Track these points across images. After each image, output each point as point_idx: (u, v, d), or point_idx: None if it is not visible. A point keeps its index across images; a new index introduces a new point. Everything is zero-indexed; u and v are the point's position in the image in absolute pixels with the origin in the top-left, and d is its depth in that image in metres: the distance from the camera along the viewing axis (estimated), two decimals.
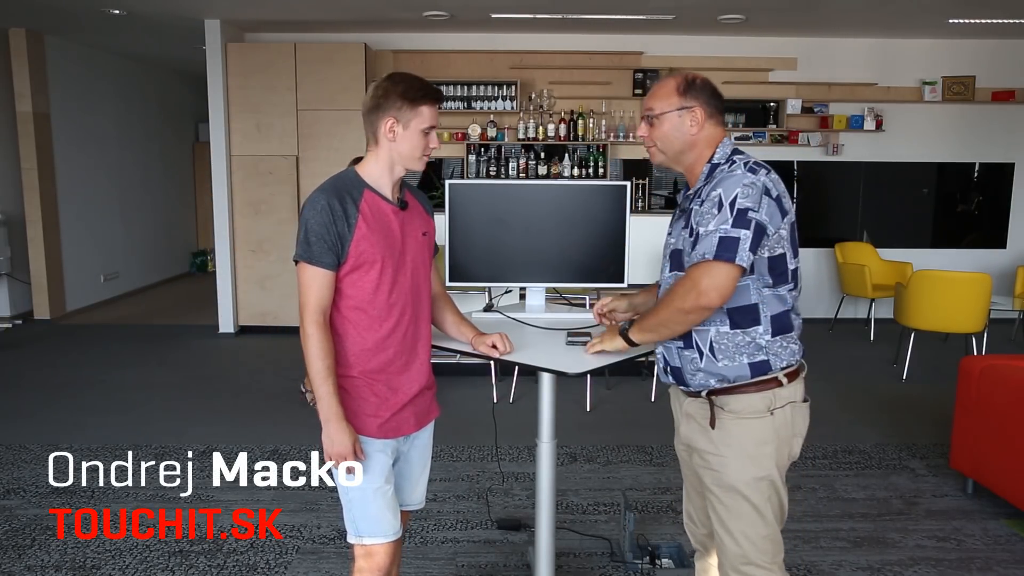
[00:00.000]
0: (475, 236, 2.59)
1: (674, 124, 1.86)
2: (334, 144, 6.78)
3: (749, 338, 1.82)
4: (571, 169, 7.24)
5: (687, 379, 1.90)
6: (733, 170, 1.80)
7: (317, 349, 1.84)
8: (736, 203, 1.73)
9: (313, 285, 1.86)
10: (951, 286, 5.27)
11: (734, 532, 1.87)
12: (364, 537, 1.96)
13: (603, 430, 4.48)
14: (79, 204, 8.02)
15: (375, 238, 1.89)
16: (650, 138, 1.90)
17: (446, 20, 6.66)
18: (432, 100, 1.91)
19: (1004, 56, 7.42)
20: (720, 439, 1.87)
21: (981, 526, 3.30)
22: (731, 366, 1.83)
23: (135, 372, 5.77)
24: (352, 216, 1.87)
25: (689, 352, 1.87)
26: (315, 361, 1.85)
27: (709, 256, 1.72)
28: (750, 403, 1.84)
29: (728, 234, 1.72)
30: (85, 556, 3.00)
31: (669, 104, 1.86)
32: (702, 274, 1.73)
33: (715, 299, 1.73)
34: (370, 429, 1.94)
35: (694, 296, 1.74)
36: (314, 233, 1.84)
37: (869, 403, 4.99)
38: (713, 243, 1.72)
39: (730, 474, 1.86)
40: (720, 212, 1.74)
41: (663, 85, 1.89)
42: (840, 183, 7.61)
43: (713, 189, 1.78)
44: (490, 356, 2.10)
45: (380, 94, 1.90)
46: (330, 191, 1.88)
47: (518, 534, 3.20)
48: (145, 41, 7.87)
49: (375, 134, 1.93)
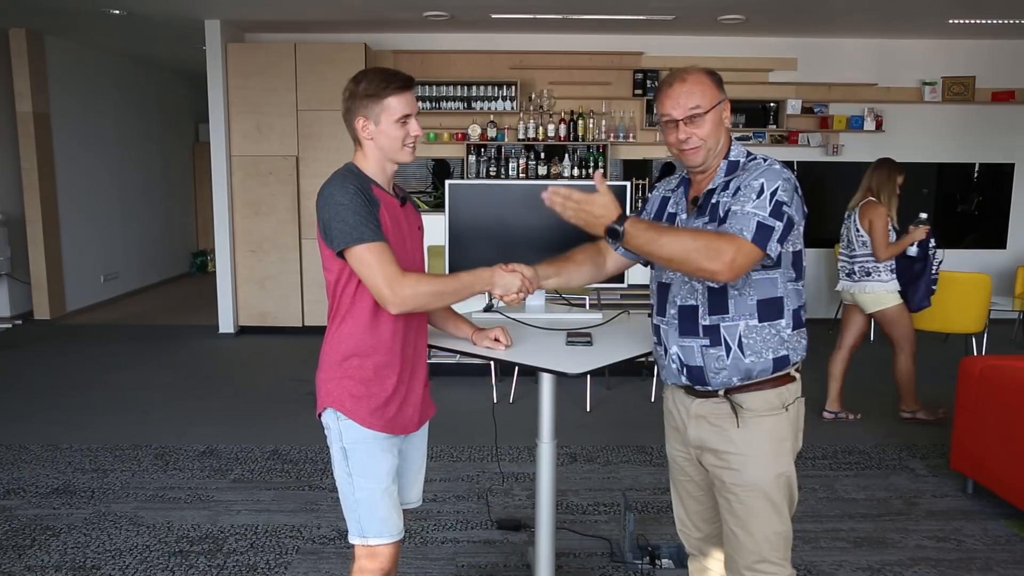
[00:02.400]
0: (475, 236, 2.59)
1: (716, 119, 1.83)
2: (334, 144, 6.78)
3: (774, 331, 1.82)
4: (571, 169, 7.24)
5: (708, 378, 1.85)
6: (771, 164, 1.80)
7: (428, 286, 1.84)
8: (776, 195, 1.73)
9: (381, 261, 1.78)
10: (951, 286, 5.27)
11: (753, 531, 1.86)
12: (370, 538, 1.94)
13: (603, 430, 4.48)
14: (79, 204, 8.02)
15: (391, 228, 1.89)
16: (698, 136, 1.81)
17: (446, 20, 6.66)
18: (396, 89, 1.87)
19: (1004, 56, 7.42)
20: (741, 438, 1.85)
21: (981, 526, 3.30)
22: (757, 361, 1.81)
23: (135, 372, 5.78)
24: (375, 204, 1.86)
25: (715, 350, 1.82)
26: (443, 293, 1.88)
27: (748, 235, 1.69)
28: (767, 399, 1.84)
29: (765, 221, 1.71)
30: (85, 556, 3.00)
31: (713, 98, 1.82)
32: (734, 247, 1.67)
33: (730, 276, 1.69)
34: (379, 426, 1.93)
35: (714, 258, 1.66)
36: (358, 214, 1.79)
37: (869, 403, 4.99)
38: (752, 225, 1.70)
39: (752, 473, 1.84)
40: (759, 198, 1.72)
41: (697, 80, 1.82)
42: (840, 183, 7.60)
43: (754, 179, 1.76)
44: (492, 355, 2.10)
45: (347, 96, 1.91)
46: (351, 178, 1.86)
47: (518, 534, 3.20)
48: (145, 41, 7.87)
49: (355, 137, 1.93)
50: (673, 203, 1.98)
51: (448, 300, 1.94)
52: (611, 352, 2.08)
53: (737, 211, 1.73)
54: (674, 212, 1.96)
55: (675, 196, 1.98)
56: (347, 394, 1.91)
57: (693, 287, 1.84)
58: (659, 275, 1.95)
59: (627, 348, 2.13)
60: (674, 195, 1.99)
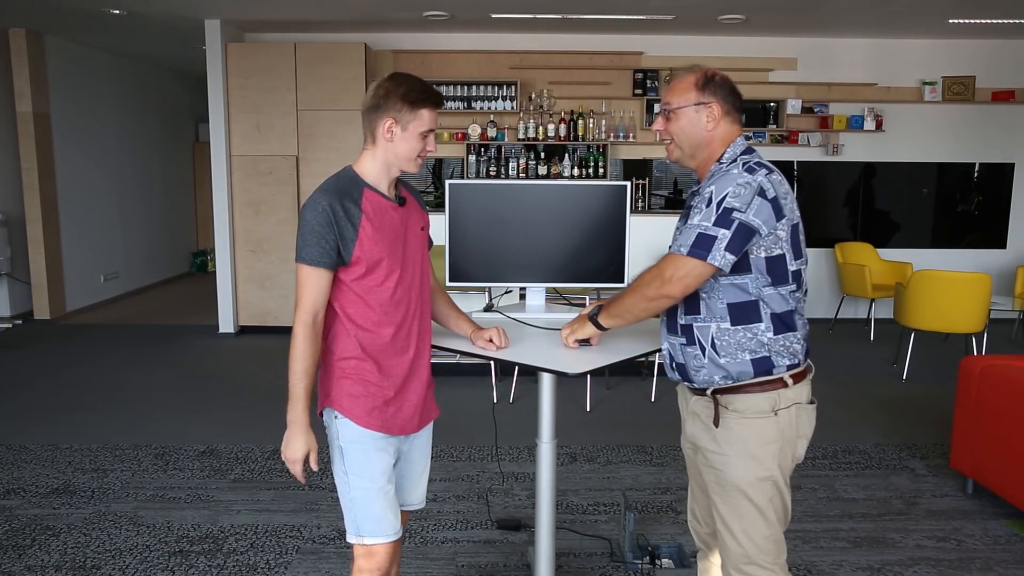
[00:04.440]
0: (475, 236, 2.58)
1: (691, 119, 1.86)
2: (334, 144, 6.78)
3: (751, 335, 1.82)
4: (571, 169, 7.24)
5: (692, 375, 1.90)
6: (730, 169, 1.81)
7: (301, 349, 1.85)
8: (724, 202, 1.75)
9: (308, 285, 1.85)
10: (951, 286, 5.27)
11: (736, 532, 1.87)
12: (365, 537, 1.95)
13: (603, 430, 4.48)
14: (79, 204, 8.02)
15: (379, 237, 1.88)
16: (667, 132, 1.90)
17: (446, 20, 6.66)
18: (433, 104, 1.90)
19: (1004, 56, 7.43)
20: (723, 438, 1.87)
21: (981, 526, 3.30)
22: (733, 363, 1.83)
23: (135, 372, 5.77)
24: (355, 217, 1.86)
25: (692, 348, 1.88)
26: (295, 361, 1.85)
27: (684, 250, 1.77)
28: (754, 403, 1.84)
29: (707, 232, 1.74)
30: (85, 556, 3.00)
31: (686, 99, 1.86)
32: (670, 264, 1.79)
33: (677, 290, 1.78)
34: (376, 426, 1.94)
35: (658, 284, 1.79)
36: (314, 233, 1.83)
37: (869, 403, 4.99)
38: (691, 238, 1.76)
39: (732, 473, 1.85)
40: (707, 209, 1.77)
41: (682, 80, 1.89)
42: (840, 183, 7.62)
43: (707, 187, 1.81)
44: (488, 354, 2.10)
45: (381, 94, 1.89)
46: (332, 192, 1.87)
47: (518, 534, 3.20)
48: (145, 41, 7.87)
49: (373, 133, 1.92)
50: None
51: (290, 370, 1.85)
52: (611, 352, 2.08)
53: (684, 227, 1.82)
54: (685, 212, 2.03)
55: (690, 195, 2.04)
56: (344, 393, 1.92)
57: None
58: None
59: (627, 348, 2.12)
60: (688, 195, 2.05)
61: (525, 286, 2.65)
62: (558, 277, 2.63)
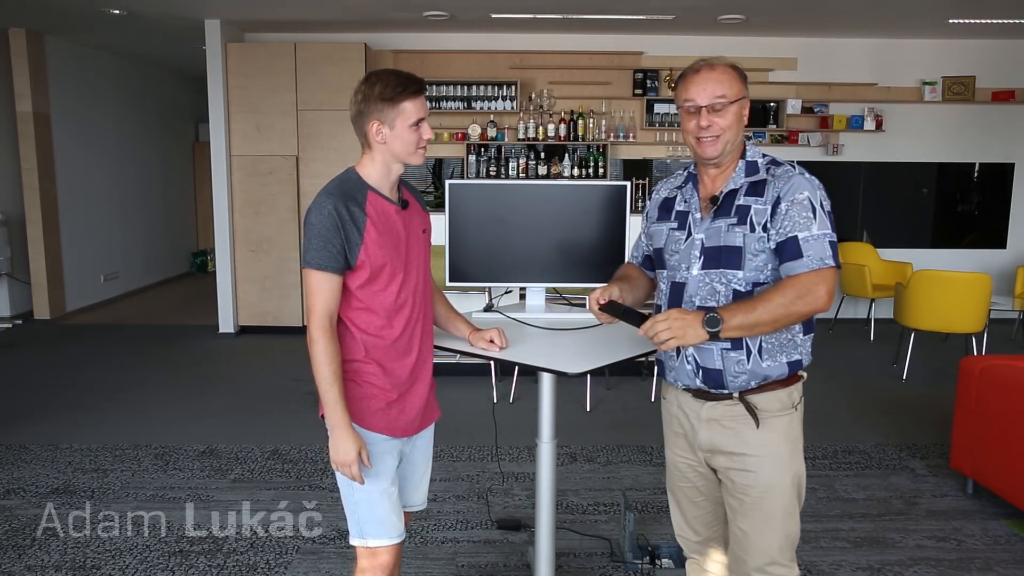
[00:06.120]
0: (475, 236, 2.59)
1: (738, 113, 1.82)
2: (334, 144, 6.78)
3: (790, 336, 1.83)
4: (571, 169, 7.24)
5: (727, 381, 1.83)
6: (802, 172, 1.81)
7: (324, 355, 1.82)
8: (825, 205, 1.76)
9: (320, 291, 1.83)
10: (951, 286, 5.27)
11: (766, 533, 1.86)
12: (369, 539, 1.95)
13: (603, 430, 4.48)
14: (79, 204, 8.02)
15: (383, 241, 1.87)
16: (719, 126, 1.79)
17: (446, 20, 6.66)
18: (412, 94, 1.86)
19: (1004, 56, 7.42)
20: (757, 439, 1.84)
21: (981, 526, 3.30)
22: (773, 365, 1.81)
23: (135, 372, 5.77)
24: (360, 221, 1.84)
25: (736, 353, 1.81)
26: (321, 367, 1.83)
27: (829, 262, 1.73)
28: (779, 399, 1.84)
29: (833, 238, 1.75)
30: (85, 556, 3.00)
31: (739, 91, 1.81)
32: (821, 280, 1.72)
33: (828, 305, 1.74)
34: (380, 428, 1.94)
35: (810, 300, 1.71)
36: (321, 238, 1.81)
37: (869, 403, 4.99)
38: (827, 249, 1.73)
39: (769, 475, 1.84)
40: (816, 217, 1.74)
41: (725, 71, 1.80)
42: (840, 183, 7.61)
43: (798, 192, 1.75)
44: (488, 354, 2.10)
45: (360, 99, 1.88)
46: (336, 195, 1.85)
47: (518, 534, 3.20)
48: (145, 41, 7.87)
49: (366, 139, 1.91)
50: (681, 200, 1.93)
51: (317, 378, 1.84)
52: (611, 352, 2.08)
53: (807, 236, 1.73)
54: (684, 211, 1.91)
55: (683, 193, 1.94)
56: (348, 396, 1.91)
57: (714, 288, 1.81)
58: (673, 274, 1.89)
59: (627, 348, 2.12)
60: (681, 192, 1.94)
61: (525, 286, 2.65)
62: (558, 277, 2.63)
